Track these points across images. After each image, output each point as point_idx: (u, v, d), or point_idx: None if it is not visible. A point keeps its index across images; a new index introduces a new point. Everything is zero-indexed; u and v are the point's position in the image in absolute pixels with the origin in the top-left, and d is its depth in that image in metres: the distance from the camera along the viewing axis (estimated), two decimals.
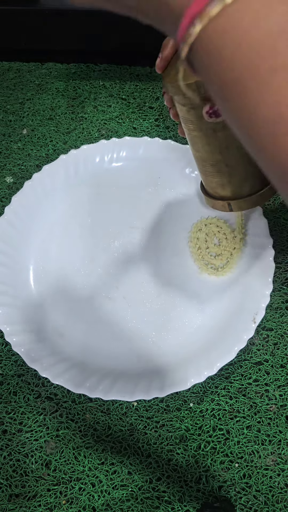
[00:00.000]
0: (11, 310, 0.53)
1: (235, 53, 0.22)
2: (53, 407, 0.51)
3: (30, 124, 0.71)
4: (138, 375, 0.50)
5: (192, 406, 0.50)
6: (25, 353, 0.50)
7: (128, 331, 0.54)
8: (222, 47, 0.22)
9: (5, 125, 0.71)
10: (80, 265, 0.57)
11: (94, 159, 0.62)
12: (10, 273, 0.55)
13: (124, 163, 0.63)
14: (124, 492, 0.47)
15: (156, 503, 0.46)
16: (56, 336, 0.53)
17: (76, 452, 0.49)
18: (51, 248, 0.58)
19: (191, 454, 0.48)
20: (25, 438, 0.50)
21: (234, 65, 0.22)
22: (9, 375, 0.53)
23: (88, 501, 0.46)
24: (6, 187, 0.66)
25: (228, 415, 0.50)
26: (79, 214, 0.60)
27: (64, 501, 0.47)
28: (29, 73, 0.77)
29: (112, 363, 0.51)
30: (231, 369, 0.52)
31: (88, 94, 0.73)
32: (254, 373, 0.51)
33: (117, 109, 0.71)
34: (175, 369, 0.49)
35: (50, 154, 0.68)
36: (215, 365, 0.48)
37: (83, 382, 0.48)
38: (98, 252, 0.58)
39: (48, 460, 0.48)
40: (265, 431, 0.49)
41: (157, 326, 0.54)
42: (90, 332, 0.54)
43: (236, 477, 0.47)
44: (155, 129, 0.69)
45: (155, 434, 0.49)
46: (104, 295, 0.56)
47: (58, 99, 0.73)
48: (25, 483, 0.47)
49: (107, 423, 0.50)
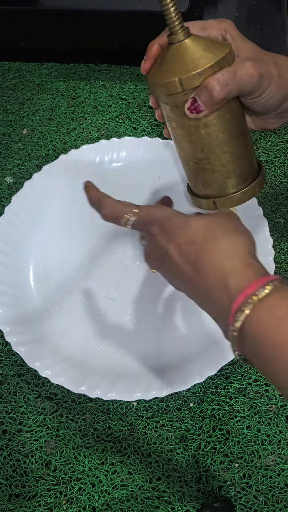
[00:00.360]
0: (11, 310, 0.53)
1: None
2: (53, 407, 0.51)
3: (30, 124, 0.71)
4: (138, 375, 0.50)
5: (192, 406, 0.50)
6: (25, 353, 0.50)
7: (128, 331, 0.54)
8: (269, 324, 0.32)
9: (5, 125, 0.71)
10: (80, 265, 0.57)
11: (94, 159, 0.62)
12: (10, 273, 0.55)
13: (124, 163, 0.63)
14: (124, 492, 0.47)
15: (156, 503, 0.46)
16: (56, 336, 0.53)
17: (76, 452, 0.49)
18: (51, 248, 0.58)
19: (191, 454, 0.48)
20: (25, 438, 0.50)
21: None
22: (9, 375, 0.53)
23: (88, 501, 0.46)
24: (6, 187, 0.66)
25: (228, 415, 0.50)
26: (79, 214, 0.60)
27: (64, 501, 0.47)
28: (29, 73, 0.77)
29: (112, 363, 0.51)
30: (231, 369, 0.52)
31: (88, 94, 0.73)
32: (254, 373, 0.51)
33: (117, 109, 0.71)
34: (175, 369, 0.49)
35: (50, 154, 0.68)
36: (215, 365, 0.48)
37: (83, 382, 0.48)
38: (98, 252, 0.58)
39: (48, 460, 0.48)
40: (265, 431, 0.49)
41: (157, 326, 0.54)
42: (90, 332, 0.54)
43: (236, 477, 0.47)
44: (155, 129, 0.69)
45: (155, 434, 0.49)
46: (104, 295, 0.56)
47: (58, 99, 0.73)
48: (25, 483, 0.48)
49: (107, 423, 0.50)
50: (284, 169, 0.65)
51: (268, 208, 0.61)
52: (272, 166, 0.65)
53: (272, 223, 0.60)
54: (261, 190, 0.46)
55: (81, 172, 0.62)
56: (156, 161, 0.62)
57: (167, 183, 0.62)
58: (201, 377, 0.48)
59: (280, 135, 0.68)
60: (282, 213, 0.61)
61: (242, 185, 0.44)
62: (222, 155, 0.42)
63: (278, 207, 0.62)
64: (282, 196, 0.62)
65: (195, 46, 0.39)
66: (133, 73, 0.75)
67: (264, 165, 0.65)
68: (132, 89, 0.73)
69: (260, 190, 0.46)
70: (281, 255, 0.58)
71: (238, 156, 0.43)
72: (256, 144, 0.67)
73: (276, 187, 0.63)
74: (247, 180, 0.45)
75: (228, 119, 0.41)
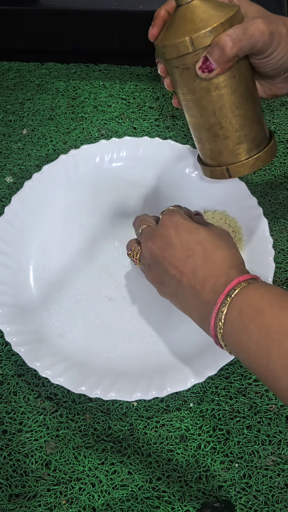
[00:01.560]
0: (11, 310, 0.53)
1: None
2: (53, 407, 0.51)
3: (30, 124, 0.71)
4: (138, 375, 0.50)
5: (192, 406, 0.50)
6: (25, 353, 0.50)
7: (128, 331, 0.54)
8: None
9: (5, 125, 0.71)
10: (80, 265, 0.57)
11: (94, 159, 0.62)
12: (10, 273, 0.55)
13: (124, 163, 0.63)
14: (124, 492, 0.47)
15: (156, 503, 0.46)
16: (56, 336, 0.53)
17: (76, 452, 0.49)
18: (51, 248, 0.58)
19: (191, 454, 0.48)
20: (25, 438, 0.50)
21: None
22: (9, 375, 0.53)
23: (88, 501, 0.46)
24: (6, 187, 0.66)
25: (228, 415, 0.50)
26: (79, 214, 0.60)
27: (64, 501, 0.47)
28: (29, 73, 0.77)
29: (112, 363, 0.51)
30: (231, 369, 0.52)
31: (88, 94, 0.73)
32: None
33: (117, 109, 0.71)
34: (175, 369, 0.49)
35: (50, 154, 0.68)
36: (215, 365, 0.48)
37: (83, 382, 0.48)
38: (98, 252, 0.58)
39: (48, 460, 0.48)
40: (265, 431, 0.49)
41: (157, 326, 0.54)
42: (90, 332, 0.54)
43: (236, 477, 0.47)
44: (155, 129, 0.69)
45: (155, 434, 0.49)
46: (104, 295, 0.56)
47: (58, 99, 0.73)
48: (25, 483, 0.48)
49: (107, 423, 0.50)
50: (284, 169, 0.65)
51: (268, 208, 0.61)
52: (272, 166, 0.65)
53: (272, 223, 0.60)
54: (274, 156, 0.46)
55: (81, 172, 0.62)
56: (156, 161, 0.62)
57: (167, 183, 0.62)
58: (201, 377, 0.48)
59: (280, 135, 0.68)
60: (282, 213, 0.61)
61: (255, 151, 0.44)
62: (234, 119, 0.42)
63: (278, 207, 0.62)
64: (282, 196, 0.63)
65: (203, 6, 0.39)
66: (133, 73, 0.75)
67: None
68: (132, 89, 0.73)
69: (273, 157, 0.46)
70: (281, 255, 0.58)
71: (250, 119, 0.42)
72: None
73: (276, 187, 0.63)
74: (259, 146, 0.44)
75: (239, 80, 0.41)
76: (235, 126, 0.42)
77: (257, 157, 0.44)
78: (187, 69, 0.40)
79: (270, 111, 0.69)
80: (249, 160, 0.44)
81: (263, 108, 0.70)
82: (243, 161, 0.44)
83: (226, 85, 0.40)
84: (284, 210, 0.61)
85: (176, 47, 0.39)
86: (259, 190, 0.63)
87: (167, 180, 0.62)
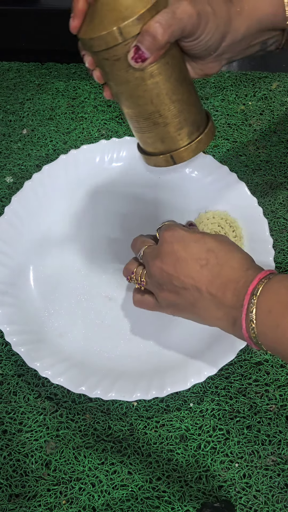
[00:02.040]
0: (11, 310, 0.53)
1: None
2: (53, 407, 0.51)
3: (30, 124, 0.71)
4: (138, 375, 0.50)
5: (192, 406, 0.50)
6: (25, 353, 0.50)
7: (128, 331, 0.54)
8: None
9: (5, 125, 0.71)
10: (80, 265, 0.57)
11: (94, 159, 0.62)
12: (10, 273, 0.55)
13: (124, 163, 0.63)
14: (124, 492, 0.47)
15: (156, 503, 0.46)
16: (56, 336, 0.53)
17: (76, 452, 0.49)
18: (51, 248, 0.58)
19: (191, 454, 0.48)
20: (25, 438, 0.50)
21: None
22: (9, 375, 0.53)
23: (88, 501, 0.46)
24: (6, 187, 0.66)
25: (228, 415, 0.50)
26: (79, 214, 0.60)
27: (64, 501, 0.47)
28: (29, 73, 0.77)
29: (112, 363, 0.51)
30: (231, 369, 0.52)
31: (88, 94, 0.73)
32: (254, 373, 0.51)
33: (117, 109, 0.71)
34: (175, 369, 0.49)
35: (50, 154, 0.68)
36: (215, 365, 0.48)
37: (83, 382, 0.48)
38: (98, 252, 0.58)
39: (48, 460, 0.48)
40: (265, 431, 0.49)
41: (157, 326, 0.54)
42: (90, 332, 0.54)
43: (236, 477, 0.47)
44: None
45: (155, 434, 0.49)
46: (104, 295, 0.56)
47: (58, 99, 0.73)
48: (25, 483, 0.48)
49: (107, 423, 0.50)
50: (284, 169, 0.65)
51: (268, 208, 0.61)
52: (272, 166, 0.65)
53: (272, 223, 0.60)
54: (214, 136, 0.45)
55: (81, 172, 0.62)
56: None
57: (167, 182, 0.62)
58: (201, 377, 0.48)
59: (280, 135, 0.68)
60: (282, 213, 0.61)
61: (196, 134, 0.43)
62: (172, 105, 0.41)
63: (278, 207, 0.62)
64: (282, 196, 0.63)
65: None
66: None
67: (264, 165, 0.65)
68: None
69: (213, 136, 0.45)
70: (281, 255, 0.58)
71: (187, 103, 0.42)
72: (256, 144, 0.67)
73: (276, 187, 0.63)
74: (199, 128, 0.44)
75: (172, 65, 0.40)
76: (173, 112, 0.41)
77: (198, 140, 0.44)
78: (118, 60, 0.38)
79: (270, 111, 0.69)
80: (191, 144, 0.43)
81: (262, 108, 0.70)
82: (186, 146, 0.43)
83: (161, 72, 0.39)
84: (284, 210, 0.61)
85: (104, 39, 0.37)
86: (259, 190, 0.63)
87: (167, 180, 0.62)
